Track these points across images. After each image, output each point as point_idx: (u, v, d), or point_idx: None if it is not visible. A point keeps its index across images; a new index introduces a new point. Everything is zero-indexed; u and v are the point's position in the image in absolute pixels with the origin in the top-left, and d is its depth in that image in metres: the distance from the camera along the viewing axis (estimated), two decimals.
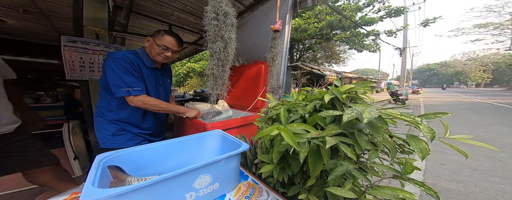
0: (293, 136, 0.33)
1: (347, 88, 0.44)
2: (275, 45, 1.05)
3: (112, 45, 1.91)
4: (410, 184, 0.36)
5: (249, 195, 0.52)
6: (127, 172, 0.48)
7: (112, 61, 0.76)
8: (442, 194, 1.38)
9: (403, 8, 7.34)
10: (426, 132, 0.34)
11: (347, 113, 0.34)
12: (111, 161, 0.48)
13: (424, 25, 9.43)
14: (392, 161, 0.43)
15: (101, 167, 0.43)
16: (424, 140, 0.37)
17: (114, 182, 0.44)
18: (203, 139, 0.69)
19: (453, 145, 0.37)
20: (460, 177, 1.63)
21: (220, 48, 0.72)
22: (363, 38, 8.45)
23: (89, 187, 0.34)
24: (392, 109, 0.36)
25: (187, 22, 2.13)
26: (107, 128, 0.86)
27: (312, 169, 0.37)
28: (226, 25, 0.71)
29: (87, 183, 0.35)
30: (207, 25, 0.72)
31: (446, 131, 0.38)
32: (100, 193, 0.32)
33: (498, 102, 8.57)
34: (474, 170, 1.78)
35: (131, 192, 0.34)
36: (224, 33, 0.71)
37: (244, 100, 1.41)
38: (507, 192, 1.38)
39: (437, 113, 0.37)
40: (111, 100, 0.85)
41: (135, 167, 0.53)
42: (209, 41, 0.73)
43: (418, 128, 0.35)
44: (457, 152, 0.34)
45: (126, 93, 0.77)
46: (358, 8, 7.40)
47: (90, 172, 0.39)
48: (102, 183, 0.38)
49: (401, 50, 11.84)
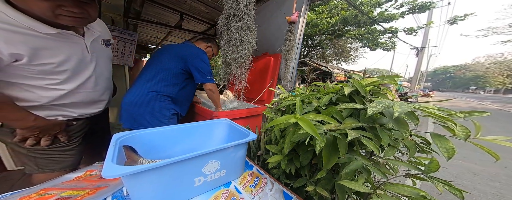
0: (313, 125, 0.31)
1: (370, 81, 0.41)
2: (291, 37, 1.01)
3: (126, 31, 1.92)
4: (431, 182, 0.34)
5: (254, 184, 0.52)
6: (140, 154, 0.49)
7: (204, 55, 0.96)
8: (439, 197, 1.37)
9: (430, 3, 6.49)
10: (460, 130, 0.31)
11: (372, 106, 0.31)
12: (126, 141, 0.49)
13: (451, 23, 8.54)
14: (409, 160, 0.41)
15: (118, 146, 0.44)
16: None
17: (128, 162, 0.45)
18: (211, 126, 0.69)
19: (484, 146, 0.34)
20: (460, 181, 1.65)
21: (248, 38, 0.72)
22: (378, 36, 7.89)
23: (110, 163, 0.35)
24: (424, 104, 0.33)
25: (198, 11, 2.08)
26: (164, 112, 0.91)
27: (325, 162, 0.36)
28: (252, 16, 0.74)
29: (107, 159, 0.36)
30: (241, 12, 0.72)
31: (477, 132, 0.35)
32: (119, 170, 0.33)
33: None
34: (476, 174, 1.78)
35: (145, 171, 0.35)
36: (252, 24, 0.72)
37: (250, 91, 1.39)
38: (505, 197, 1.39)
39: (474, 112, 0.34)
40: (175, 85, 0.94)
41: (146, 149, 0.54)
42: (240, 29, 0.73)
43: (450, 126, 0.32)
44: (458, 155, 0.31)
45: (212, 81, 0.97)
46: (378, 3, 6.69)
47: (109, 149, 0.40)
48: (118, 162, 0.39)
49: (419, 50, 11.06)
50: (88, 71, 0.62)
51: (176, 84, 0.95)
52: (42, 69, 0.50)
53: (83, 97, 0.64)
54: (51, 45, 0.50)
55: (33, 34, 0.46)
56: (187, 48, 0.97)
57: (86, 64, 0.61)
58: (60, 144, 0.63)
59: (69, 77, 0.57)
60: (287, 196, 0.48)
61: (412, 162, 0.40)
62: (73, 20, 0.49)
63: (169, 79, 0.92)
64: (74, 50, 0.56)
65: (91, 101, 0.68)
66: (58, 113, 0.60)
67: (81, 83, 0.60)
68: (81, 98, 0.63)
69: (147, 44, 4.39)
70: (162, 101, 0.91)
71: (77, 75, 0.59)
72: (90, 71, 0.63)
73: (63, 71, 0.55)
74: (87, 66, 0.62)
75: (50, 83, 0.54)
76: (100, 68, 0.68)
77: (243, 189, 0.50)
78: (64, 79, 0.56)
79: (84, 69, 0.61)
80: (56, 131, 0.60)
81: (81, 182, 0.50)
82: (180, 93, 0.97)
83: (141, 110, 0.88)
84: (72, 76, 0.58)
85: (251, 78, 1.45)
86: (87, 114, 0.69)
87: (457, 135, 0.31)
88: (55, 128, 0.59)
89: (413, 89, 10.59)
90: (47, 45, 0.49)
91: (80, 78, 0.60)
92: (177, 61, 0.93)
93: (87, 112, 0.68)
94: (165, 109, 0.92)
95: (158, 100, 0.90)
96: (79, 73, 0.60)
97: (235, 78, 0.91)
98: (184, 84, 0.98)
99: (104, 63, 0.70)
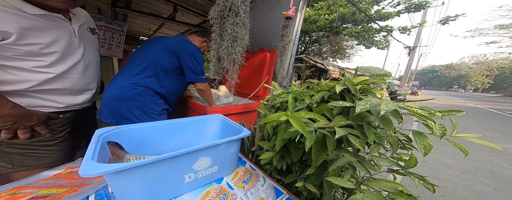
0: (303, 123, 0.31)
1: (361, 80, 0.42)
2: (287, 33, 1.00)
3: (114, 21, 1.81)
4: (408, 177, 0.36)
5: (246, 180, 0.53)
6: (126, 150, 0.47)
7: (198, 52, 0.93)
8: (418, 189, 1.49)
9: (425, 2, 6.70)
10: (438, 128, 0.33)
11: (360, 104, 0.32)
12: (111, 137, 0.47)
13: (443, 23, 8.85)
14: (392, 156, 0.43)
15: (100, 142, 0.42)
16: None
17: (112, 159, 0.43)
18: (204, 121, 0.68)
19: (456, 143, 0.36)
20: (436, 174, 1.81)
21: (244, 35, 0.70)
22: (374, 34, 8.01)
23: (89, 161, 0.33)
24: (409, 103, 0.35)
25: (193, 3, 1.98)
26: (154, 107, 0.87)
27: (315, 159, 0.37)
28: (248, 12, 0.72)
29: (86, 157, 0.34)
30: (238, 7, 0.69)
31: (454, 130, 0.37)
32: (99, 168, 0.31)
33: (490, 107, 8.90)
34: (450, 167, 1.96)
35: (130, 169, 0.33)
36: (247, 21, 0.70)
37: (245, 87, 1.38)
38: (472, 187, 1.58)
39: (451, 111, 0.35)
40: (166, 80, 0.90)
41: (134, 145, 0.53)
42: (237, 25, 0.70)
43: (429, 124, 0.34)
44: (436, 150, 0.34)
45: (203, 80, 0.95)
46: (376, 1, 6.79)
47: (90, 146, 0.38)
48: (101, 159, 0.37)
49: (411, 49, 11.36)
50: (77, 56, 0.60)
51: (167, 79, 0.91)
52: (29, 50, 0.48)
53: (71, 84, 0.61)
54: (39, 26, 0.49)
55: (21, 15, 0.46)
56: (181, 43, 0.92)
57: (74, 49, 0.59)
58: (43, 138, 0.59)
59: (57, 60, 0.54)
60: (278, 191, 0.50)
61: (394, 158, 0.42)
62: (62, 2, 0.49)
63: (159, 74, 0.88)
64: (62, 34, 0.55)
65: (80, 89, 0.65)
66: (42, 102, 0.56)
67: (70, 67, 0.58)
68: (69, 85, 0.60)
69: (138, 35, 4.18)
70: (151, 96, 0.87)
71: (65, 59, 0.57)
72: (79, 56, 0.61)
73: (51, 54, 0.53)
74: (75, 50, 0.60)
75: (37, 65, 0.51)
76: (89, 55, 0.66)
77: (235, 185, 0.51)
78: (52, 62, 0.53)
79: (73, 53, 0.59)
80: (33, 122, 0.53)
81: (60, 179, 0.47)
82: (171, 89, 0.94)
83: (128, 104, 0.83)
84: (61, 59, 0.55)
85: (247, 73, 1.44)
86: (74, 104, 0.65)
87: (434, 133, 0.33)
88: (31, 118, 0.53)
89: (403, 87, 11.01)
90: (35, 26, 0.48)
91: (68, 62, 0.58)
92: (169, 56, 0.89)
93: (74, 101, 0.64)
94: (155, 103, 0.88)
95: (147, 95, 0.86)
96: (68, 57, 0.57)
97: (228, 74, 0.89)
98: (174, 80, 0.94)
99: (92, 51, 0.68)
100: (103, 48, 1.83)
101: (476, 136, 0.36)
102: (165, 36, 0.96)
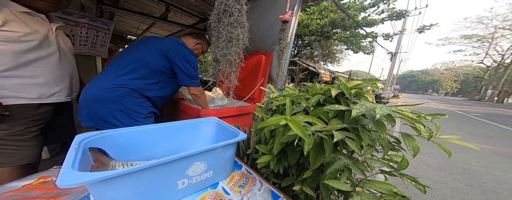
0: (302, 127, 0.32)
1: (354, 84, 0.44)
2: (284, 37, 1.01)
3: (99, 19, 1.71)
4: (400, 178, 0.37)
5: (243, 184, 0.52)
6: (111, 156, 0.44)
7: (191, 56, 0.90)
8: (400, 187, 1.59)
9: (405, 11, 7.36)
10: (425, 131, 0.35)
11: (356, 108, 0.33)
12: (94, 143, 0.43)
13: (420, 31, 9.71)
14: (383, 157, 0.45)
15: (81, 148, 0.38)
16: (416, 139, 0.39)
17: (95, 166, 0.39)
18: (198, 125, 0.66)
19: (441, 144, 0.39)
20: (418, 172, 1.95)
21: (238, 34, 0.69)
22: (361, 40, 8.54)
23: (68, 169, 0.30)
24: (400, 107, 0.36)
25: (187, 3, 1.94)
26: (140, 110, 0.82)
27: (312, 162, 0.37)
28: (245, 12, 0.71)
29: (65, 165, 0.31)
30: (231, 8, 0.68)
31: (437, 132, 0.40)
32: (81, 177, 0.28)
33: (458, 109, 9.89)
34: (429, 166, 2.13)
35: (116, 177, 0.31)
36: (243, 20, 0.69)
37: (240, 89, 1.37)
38: (448, 184, 1.74)
39: (436, 114, 0.38)
40: (154, 82, 0.86)
41: (122, 151, 0.49)
42: (231, 25, 0.69)
43: (417, 127, 0.36)
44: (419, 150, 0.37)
45: (197, 84, 0.92)
46: (363, 8, 7.31)
47: (69, 153, 0.34)
48: (82, 167, 0.34)
49: (393, 54, 12.25)
50: (53, 47, 0.66)
51: (156, 82, 0.86)
52: (7, 36, 0.54)
53: (46, 71, 0.64)
54: (21, 20, 0.56)
55: (9, 11, 0.54)
56: (174, 45, 0.87)
57: (50, 42, 0.65)
58: (14, 132, 0.57)
59: (34, 47, 0.59)
60: (275, 195, 0.49)
61: (385, 159, 0.44)
62: (47, 4, 0.60)
63: (148, 76, 0.83)
64: (41, 28, 0.61)
65: (54, 79, 0.67)
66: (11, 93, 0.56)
67: (46, 55, 0.63)
68: (44, 72, 0.63)
69: (126, 34, 3.98)
70: (136, 98, 0.81)
71: (41, 47, 0.61)
72: (55, 48, 0.66)
73: (29, 41, 0.58)
74: (51, 43, 0.65)
75: (14, 49, 0.55)
76: (64, 51, 0.71)
77: (231, 189, 0.49)
78: (29, 48, 0.58)
79: (49, 45, 0.64)
80: None
81: (31, 190, 0.42)
82: (159, 91, 0.89)
83: (110, 106, 0.76)
84: (37, 47, 0.60)
85: (242, 75, 1.43)
86: (47, 96, 0.65)
87: (422, 135, 0.35)
88: None
89: (386, 91, 11.81)
90: (17, 19, 0.55)
91: (45, 50, 0.63)
92: (160, 58, 0.84)
93: (47, 93, 0.65)
94: (141, 106, 0.83)
95: (132, 97, 0.80)
96: (44, 47, 0.62)
97: (224, 76, 0.88)
98: (164, 83, 0.89)
99: (68, 50, 0.74)
100: (85, 47, 1.71)
101: (457, 137, 0.39)
102: (157, 37, 0.91)
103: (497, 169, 2.15)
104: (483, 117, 7.15)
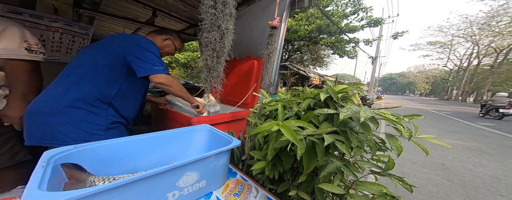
0: (294, 132, 0.32)
1: (341, 88, 0.46)
2: (272, 42, 1.04)
3: (76, 24, 1.61)
4: (388, 178, 0.39)
5: (238, 192, 0.51)
6: (89, 171, 0.40)
7: (148, 43, 0.79)
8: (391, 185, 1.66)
9: (381, 19, 8.43)
10: (405, 131, 0.38)
11: (343, 112, 0.35)
12: (67, 159, 0.39)
13: (394, 37, 10.84)
14: (372, 158, 0.48)
15: (51, 165, 0.34)
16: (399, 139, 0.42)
17: (70, 184, 0.36)
18: (189, 133, 0.64)
19: (419, 144, 0.43)
20: (404, 169, 2.06)
21: (215, 39, 0.68)
22: (345, 45, 9.23)
23: (35, 190, 0.26)
24: (382, 110, 0.39)
25: (176, 8, 1.91)
26: (94, 120, 0.69)
27: (306, 166, 0.37)
28: (224, 14, 0.68)
29: (30, 186, 0.27)
30: (203, 13, 0.67)
31: (416, 132, 0.44)
32: (50, 198, 0.25)
33: (432, 108, 10.99)
34: (414, 163, 2.27)
35: (97, 194, 0.28)
36: (221, 23, 0.68)
37: (233, 95, 1.37)
38: (432, 180, 1.85)
39: (414, 115, 0.42)
40: (109, 85, 0.73)
41: (102, 164, 0.45)
42: (205, 30, 0.69)
43: (399, 128, 0.39)
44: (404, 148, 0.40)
45: (163, 71, 0.78)
46: (345, 15, 8.20)
47: (35, 171, 0.30)
48: (53, 185, 0.30)
49: (374, 58, 13.33)
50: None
51: (112, 84, 0.73)
52: None
53: None
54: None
55: None
56: (125, 36, 0.78)
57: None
58: None
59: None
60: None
61: (374, 160, 0.46)
62: None
63: (100, 78, 0.71)
64: None
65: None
66: None
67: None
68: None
69: None
70: (89, 105, 0.69)
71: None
72: None
73: None
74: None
75: None
76: None
77: (226, 198, 0.47)
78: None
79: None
80: None
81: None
82: (119, 94, 0.76)
83: (53, 119, 0.63)
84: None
85: (235, 81, 1.43)
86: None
87: (403, 135, 0.38)
88: None
89: (370, 92, 12.69)
90: None
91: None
92: (110, 53, 0.72)
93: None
94: (97, 115, 0.70)
95: (82, 106, 0.67)
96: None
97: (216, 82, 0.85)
98: (122, 84, 0.76)
99: None
100: (59, 53, 1.59)
101: (432, 136, 0.43)
102: (108, 35, 0.83)
103: (470, 163, 2.35)
104: (452, 114, 7.99)
